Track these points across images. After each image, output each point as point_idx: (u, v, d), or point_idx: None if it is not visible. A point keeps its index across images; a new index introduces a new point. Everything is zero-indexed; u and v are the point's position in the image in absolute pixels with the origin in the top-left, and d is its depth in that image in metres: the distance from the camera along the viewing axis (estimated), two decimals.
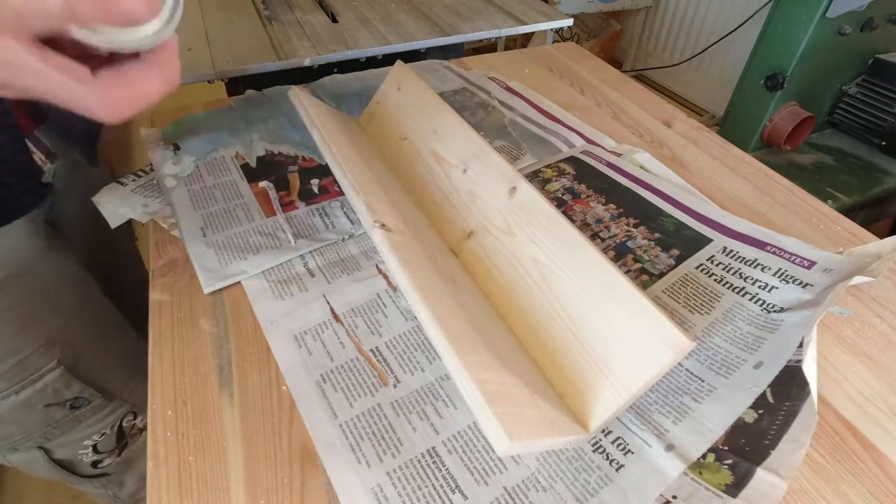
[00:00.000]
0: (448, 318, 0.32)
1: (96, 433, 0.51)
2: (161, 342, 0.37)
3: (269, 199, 0.49)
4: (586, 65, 0.76)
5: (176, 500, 0.29)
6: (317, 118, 0.47)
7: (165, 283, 0.42)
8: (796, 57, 1.13)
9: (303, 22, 0.83)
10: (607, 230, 0.47)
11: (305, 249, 0.44)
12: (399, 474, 0.31)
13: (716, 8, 1.85)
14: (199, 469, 0.31)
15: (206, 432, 0.33)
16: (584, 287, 0.34)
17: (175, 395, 0.34)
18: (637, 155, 0.56)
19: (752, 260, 0.43)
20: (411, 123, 0.50)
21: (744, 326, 0.38)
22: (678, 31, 2.03)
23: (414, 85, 0.52)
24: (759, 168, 0.56)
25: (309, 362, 0.37)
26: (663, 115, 0.65)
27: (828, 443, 0.33)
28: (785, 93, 1.18)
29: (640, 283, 0.42)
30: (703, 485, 0.30)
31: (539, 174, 0.53)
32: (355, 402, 0.34)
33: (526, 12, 0.89)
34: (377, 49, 0.76)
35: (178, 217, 0.46)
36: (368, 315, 0.40)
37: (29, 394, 0.45)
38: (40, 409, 0.46)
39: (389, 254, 0.36)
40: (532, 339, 0.35)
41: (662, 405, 0.34)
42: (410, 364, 0.37)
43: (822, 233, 0.48)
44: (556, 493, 0.30)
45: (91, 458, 0.52)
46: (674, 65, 2.05)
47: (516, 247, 0.39)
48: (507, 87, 0.69)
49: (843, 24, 1.11)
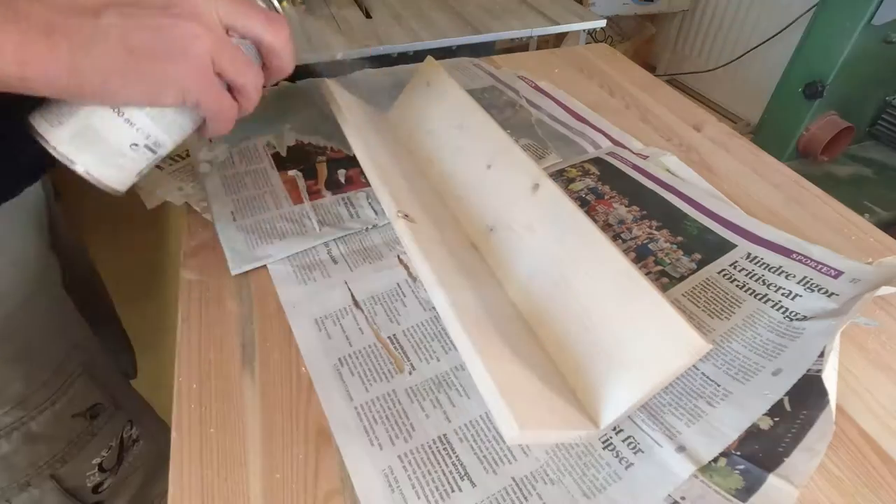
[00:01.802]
0: (465, 309, 0.33)
1: (104, 448, 0.47)
2: (189, 319, 0.39)
3: (298, 188, 0.50)
4: (617, 66, 0.76)
5: (197, 469, 0.31)
6: (346, 111, 0.48)
7: (196, 264, 0.43)
8: (838, 65, 1.10)
9: (337, 17, 0.84)
10: (629, 232, 0.46)
11: (330, 237, 0.45)
12: (410, 458, 0.31)
13: (755, 13, 1.81)
14: (219, 441, 0.32)
15: (227, 407, 0.34)
16: (603, 286, 0.34)
17: (200, 369, 0.36)
18: (664, 158, 0.55)
19: (776, 267, 0.42)
20: (438, 118, 0.51)
21: (764, 333, 0.37)
22: (715, 36, 1.98)
23: (443, 81, 0.52)
24: (790, 176, 0.55)
25: (328, 346, 0.38)
26: (693, 119, 0.64)
27: (846, 455, 0.32)
28: (824, 102, 1.15)
29: (661, 285, 0.42)
30: (713, 488, 0.30)
31: (563, 173, 0.54)
32: (371, 386, 0.35)
33: (559, 13, 0.89)
34: (409, 45, 0.77)
35: (210, 201, 0.48)
36: (388, 303, 0.41)
37: (63, 403, 0.42)
38: (68, 420, 0.43)
39: (411, 244, 0.37)
40: (548, 334, 0.36)
41: (676, 407, 0.34)
42: (426, 353, 0.37)
43: (853, 244, 0.47)
44: (563, 487, 0.31)
45: (95, 481, 0.47)
46: (709, 70, 2.00)
47: (537, 243, 0.39)
48: (536, 87, 0.69)
49: (890, 33, 1.07)
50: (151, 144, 0.31)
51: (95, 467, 0.46)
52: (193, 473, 0.31)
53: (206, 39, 0.28)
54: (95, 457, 0.46)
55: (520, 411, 0.27)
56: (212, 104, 0.30)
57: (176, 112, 0.30)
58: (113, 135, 0.29)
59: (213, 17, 0.28)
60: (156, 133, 0.30)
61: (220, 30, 0.29)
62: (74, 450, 0.44)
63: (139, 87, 0.27)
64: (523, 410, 0.27)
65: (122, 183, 0.31)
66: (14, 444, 0.40)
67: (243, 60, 0.30)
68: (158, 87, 0.27)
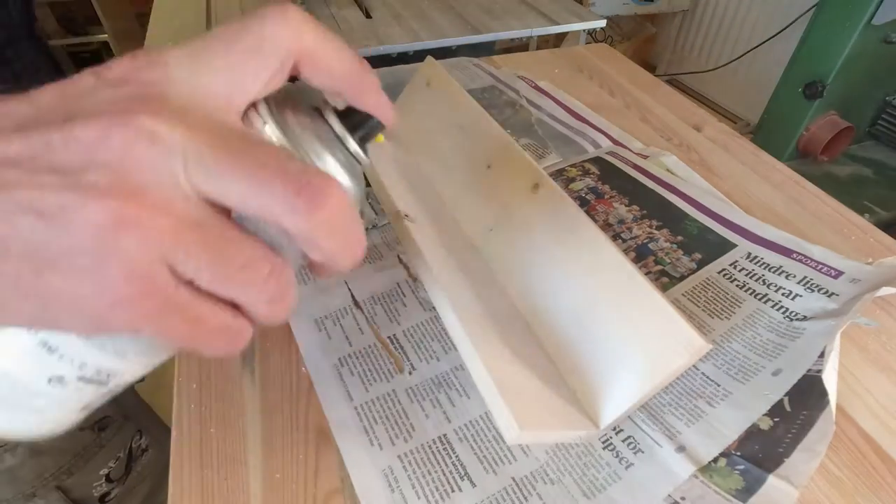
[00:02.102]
0: (465, 309, 0.33)
1: (112, 459, 0.46)
2: None
3: None
4: (617, 66, 0.76)
5: (197, 469, 0.31)
6: None
7: None
8: (838, 65, 1.10)
9: (337, 17, 0.84)
10: (629, 231, 0.46)
11: None
12: (410, 458, 0.31)
13: (755, 13, 1.81)
14: (219, 441, 0.32)
15: (227, 407, 0.34)
16: (603, 285, 0.34)
17: (200, 369, 0.36)
18: (664, 158, 0.55)
19: (776, 267, 0.42)
20: (438, 118, 0.51)
21: (764, 333, 0.37)
22: (715, 36, 1.99)
23: (443, 81, 0.52)
24: (790, 176, 0.55)
25: (328, 346, 0.38)
26: (693, 119, 0.64)
27: (846, 455, 0.32)
28: (824, 102, 1.15)
29: (660, 285, 0.42)
30: (712, 488, 0.30)
31: (563, 173, 0.54)
32: (371, 386, 0.35)
33: (558, 12, 0.89)
34: (409, 45, 0.77)
35: None
36: (388, 303, 0.41)
37: None
38: (74, 433, 0.40)
39: (411, 244, 0.37)
40: (548, 334, 0.36)
41: (676, 407, 0.34)
42: (426, 353, 0.37)
43: (852, 244, 0.47)
44: (563, 487, 0.31)
45: (102, 491, 0.47)
46: (709, 70, 2.00)
47: (536, 243, 0.39)
48: (536, 87, 0.69)
49: (890, 33, 1.07)
50: (92, 376, 0.18)
51: (103, 478, 0.46)
52: (193, 473, 0.31)
53: (146, 229, 0.14)
54: (103, 468, 0.46)
55: (520, 411, 0.27)
56: (175, 332, 0.16)
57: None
58: (16, 366, 0.17)
59: (172, 184, 0.15)
60: (98, 361, 0.18)
61: (183, 207, 0.15)
62: (81, 462, 0.43)
63: (29, 309, 0.15)
64: (523, 410, 0.27)
65: (56, 426, 0.20)
66: (19, 458, 0.40)
67: (239, 257, 0.16)
68: (60, 312, 0.15)
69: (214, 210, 0.15)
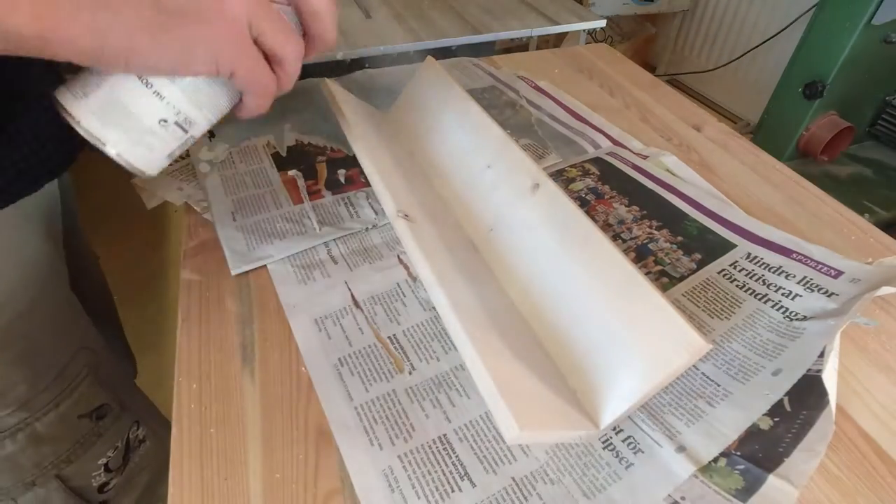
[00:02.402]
0: (465, 309, 0.33)
1: (110, 448, 0.47)
2: (189, 319, 0.39)
3: (297, 188, 0.50)
4: (617, 66, 0.76)
5: (197, 469, 0.31)
6: (346, 110, 0.48)
7: (196, 264, 0.43)
8: (838, 65, 1.10)
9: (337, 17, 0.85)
10: (629, 231, 0.46)
11: (330, 237, 0.45)
12: (410, 458, 0.31)
13: (755, 13, 1.81)
14: (219, 441, 0.32)
15: (227, 407, 0.34)
16: (603, 286, 0.34)
17: (200, 369, 0.36)
18: (664, 158, 0.55)
19: (776, 267, 0.42)
20: (438, 118, 0.51)
21: (764, 333, 0.37)
22: (715, 36, 1.99)
23: (443, 81, 0.52)
24: (789, 176, 0.55)
25: (328, 346, 0.38)
26: (693, 119, 0.64)
27: (846, 455, 0.32)
28: (824, 102, 1.15)
29: (660, 285, 0.42)
30: (712, 488, 0.30)
31: (563, 173, 0.54)
32: (371, 386, 0.35)
33: (558, 13, 0.89)
34: (409, 45, 0.77)
35: (210, 201, 0.48)
36: (388, 303, 0.41)
37: (67, 405, 0.42)
38: (73, 421, 0.43)
39: (411, 244, 0.37)
40: (548, 334, 0.36)
41: (676, 407, 0.34)
42: (426, 353, 0.37)
43: (852, 244, 0.47)
44: (563, 487, 0.31)
45: (101, 481, 0.47)
46: (709, 70, 2.00)
47: (537, 243, 0.39)
48: (536, 87, 0.69)
49: (890, 33, 1.07)
50: (182, 122, 0.28)
51: (101, 467, 0.46)
52: (193, 473, 0.31)
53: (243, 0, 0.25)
54: (101, 457, 0.46)
55: (520, 411, 0.27)
56: (248, 74, 0.27)
57: (209, 85, 0.28)
58: (140, 109, 0.27)
59: None
60: (187, 109, 0.28)
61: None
62: (80, 450, 0.44)
63: (168, 51, 0.24)
64: (523, 410, 0.27)
65: (152, 166, 0.29)
66: (19, 445, 0.40)
67: (284, 27, 0.27)
68: (189, 50, 0.25)
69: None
